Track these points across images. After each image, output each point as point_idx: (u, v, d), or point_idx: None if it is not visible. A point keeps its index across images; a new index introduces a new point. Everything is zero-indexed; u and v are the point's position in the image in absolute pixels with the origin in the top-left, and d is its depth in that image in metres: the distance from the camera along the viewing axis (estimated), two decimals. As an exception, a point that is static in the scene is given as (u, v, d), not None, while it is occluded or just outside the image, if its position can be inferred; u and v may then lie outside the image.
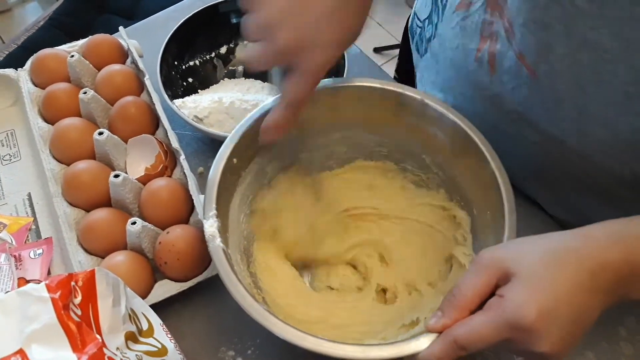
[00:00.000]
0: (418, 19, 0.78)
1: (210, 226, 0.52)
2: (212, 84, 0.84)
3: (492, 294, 0.44)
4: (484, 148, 0.56)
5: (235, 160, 0.57)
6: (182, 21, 0.80)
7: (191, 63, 0.83)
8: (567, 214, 0.69)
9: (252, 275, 0.59)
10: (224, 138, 0.58)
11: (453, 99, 0.71)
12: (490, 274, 0.44)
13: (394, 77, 1.01)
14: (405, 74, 0.89)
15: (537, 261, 0.43)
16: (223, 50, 0.85)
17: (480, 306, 0.44)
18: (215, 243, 0.51)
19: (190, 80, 0.82)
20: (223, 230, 0.53)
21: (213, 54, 0.85)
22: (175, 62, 0.81)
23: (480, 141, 0.57)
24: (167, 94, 0.74)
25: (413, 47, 0.83)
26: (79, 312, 0.45)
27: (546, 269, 0.42)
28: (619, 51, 0.49)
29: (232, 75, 0.85)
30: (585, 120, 0.55)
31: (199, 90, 0.82)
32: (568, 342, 0.42)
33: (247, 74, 0.85)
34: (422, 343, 0.45)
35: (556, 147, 0.60)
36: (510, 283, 0.43)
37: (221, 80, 0.84)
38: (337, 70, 0.78)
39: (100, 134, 0.68)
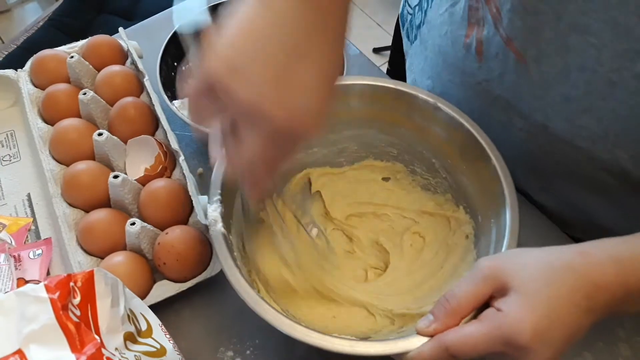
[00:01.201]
0: (409, 5, 0.79)
1: (214, 210, 0.52)
2: None
3: (485, 303, 0.44)
4: (492, 155, 0.56)
5: None
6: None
7: (190, 64, 0.83)
8: (555, 202, 0.69)
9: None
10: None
11: (441, 86, 0.71)
12: (488, 284, 0.44)
13: (387, 70, 1.02)
14: (397, 64, 0.90)
15: (536, 278, 0.43)
16: None
17: (473, 314, 0.44)
18: (216, 227, 0.51)
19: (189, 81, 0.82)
20: (226, 216, 0.53)
21: None
22: (175, 64, 0.81)
23: (489, 148, 0.57)
24: (166, 95, 0.74)
25: (404, 34, 0.83)
26: (77, 313, 0.45)
27: (544, 287, 0.42)
28: (606, 37, 0.50)
29: None
30: (570, 107, 0.56)
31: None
32: (556, 357, 0.42)
33: None
34: (411, 343, 0.45)
35: (543, 134, 0.61)
36: (507, 297, 0.42)
37: None
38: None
39: (100, 134, 0.68)
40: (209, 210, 0.52)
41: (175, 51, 0.80)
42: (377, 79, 0.62)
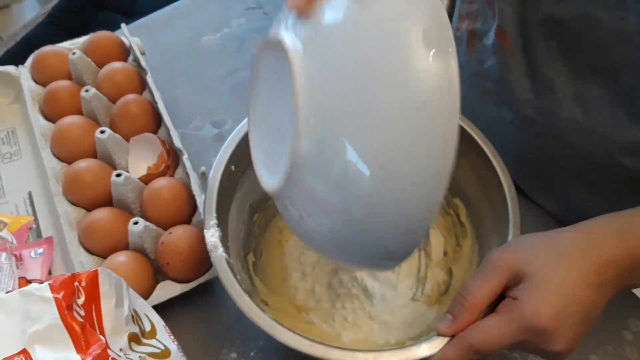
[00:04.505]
0: None
1: (212, 236, 0.51)
2: None
3: (500, 295, 0.44)
4: (484, 147, 0.56)
5: (233, 167, 0.57)
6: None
7: None
8: (551, 201, 0.69)
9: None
10: None
11: None
12: (501, 275, 0.44)
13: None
14: None
15: (546, 262, 0.44)
16: None
17: (489, 307, 0.44)
18: (217, 253, 0.50)
19: None
20: (224, 239, 0.53)
21: None
22: None
23: (480, 140, 0.57)
24: None
25: None
26: (82, 313, 0.44)
27: (555, 269, 0.43)
28: (580, 27, 0.51)
29: None
30: (555, 97, 0.57)
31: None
32: (579, 337, 0.43)
33: None
34: (433, 346, 0.44)
35: (532, 128, 0.62)
36: (522, 285, 0.43)
37: None
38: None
39: (102, 132, 0.67)
40: (207, 235, 0.51)
41: None
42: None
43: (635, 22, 0.47)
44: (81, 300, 0.45)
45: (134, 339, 0.48)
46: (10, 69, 0.78)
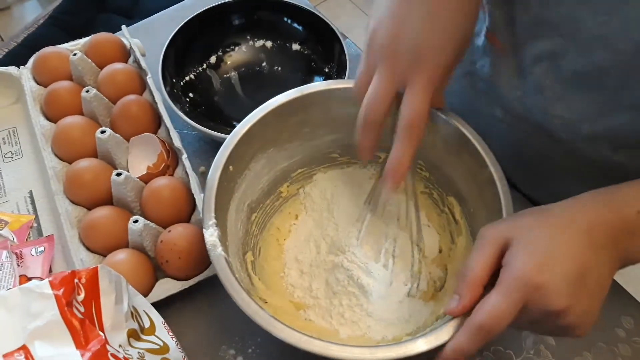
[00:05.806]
0: None
1: (211, 235, 0.52)
2: (212, 96, 0.82)
3: (499, 267, 0.45)
4: (478, 145, 0.57)
5: (231, 167, 0.57)
6: (171, 36, 0.79)
7: (187, 78, 0.82)
8: (547, 197, 0.69)
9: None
10: (224, 139, 0.58)
11: None
12: (493, 245, 0.45)
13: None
14: None
15: (534, 226, 0.45)
16: (213, 60, 0.84)
17: (492, 281, 0.45)
18: (216, 252, 0.51)
19: (191, 95, 0.81)
20: (223, 238, 0.53)
21: (205, 65, 0.84)
22: (174, 80, 0.80)
23: (473, 138, 0.57)
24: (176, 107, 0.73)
25: None
26: (82, 309, 0.45)
27: (543, 231, 0.44)
28: (566, 29, 0.52)
29: (228, 82, 0.84)
30: (545, 96, 0.58)
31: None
32: (579, 296, 0.43)
33: (242, 81, 0.84)
34: (430, 341, 0.45)
35: (523, 125, 0.63)
36: (510, 249, 0.44)
37: None
38: (337, 71, 0.79)
39: (103, 132, 0.68)
40: (206, 235, 0.52)
41: (173, 67, 0.79)
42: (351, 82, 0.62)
43: (618, 26, 0.48)
44: (81, 297, 0.45)
45: (133, 335, 0.49)
46: (11, 69, 0.79)
